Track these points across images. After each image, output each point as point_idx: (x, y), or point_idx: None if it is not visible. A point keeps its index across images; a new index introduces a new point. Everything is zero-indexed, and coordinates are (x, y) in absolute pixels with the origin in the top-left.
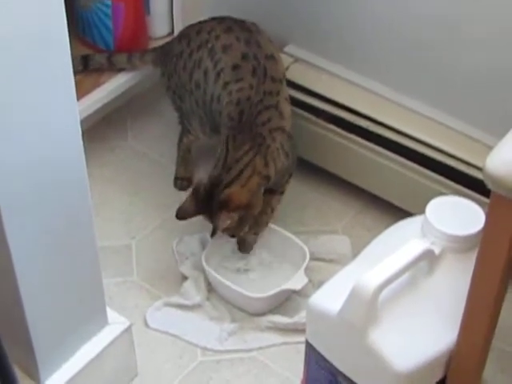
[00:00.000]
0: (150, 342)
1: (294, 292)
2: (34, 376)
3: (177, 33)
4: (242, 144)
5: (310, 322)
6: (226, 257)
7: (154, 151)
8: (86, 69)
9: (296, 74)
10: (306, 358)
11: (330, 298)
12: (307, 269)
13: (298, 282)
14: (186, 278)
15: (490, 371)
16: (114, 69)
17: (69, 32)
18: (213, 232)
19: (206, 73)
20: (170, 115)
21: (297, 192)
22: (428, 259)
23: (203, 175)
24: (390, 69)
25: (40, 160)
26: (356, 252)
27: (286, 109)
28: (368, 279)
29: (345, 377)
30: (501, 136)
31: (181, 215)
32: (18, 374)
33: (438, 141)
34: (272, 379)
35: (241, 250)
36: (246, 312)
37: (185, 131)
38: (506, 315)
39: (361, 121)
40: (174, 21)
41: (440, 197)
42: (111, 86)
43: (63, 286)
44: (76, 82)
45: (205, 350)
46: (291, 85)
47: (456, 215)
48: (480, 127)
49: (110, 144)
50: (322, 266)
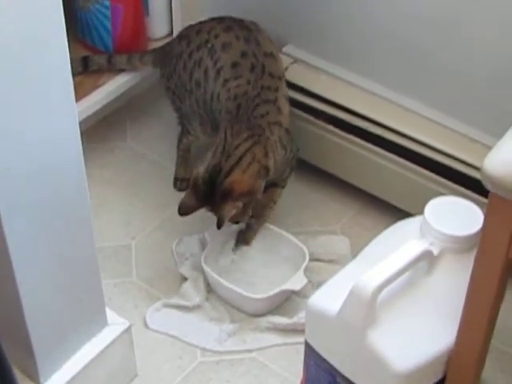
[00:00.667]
0: (150, 342)
1: (294, 293)
2: (34, 377)
3: (176, 34)
4: (240, 132)
5: (309, 323)
6: (226, 257)
7: (154, 152)
8: (85, 70)
9: (295, 74)
10: (305, 359)
11: (329, 298)
12: (306, 269)
13: (297, 282)
14: (185, 279)
15: (489, 371)
16: (113, 70)
17: (67, 34)
18: (219, 223)
19: (206, 72)
20: (169, 116)
21: (296, 192)
22: (427, 260)
23: (200, 168)
24: (389, 69)
25: (39, 161)
26: (355, 252)
27: (285, 106)
28: (367, 280)
29: (344, 377)
30: (499, 136)
31: (183, 211)
32: (18, 375)
33: (436, 141)
34: (271, 380)
35: (240, 242)
36: (245, 313)
37: (184, 132)
38: (505, 316)
39: (360, 121)
40: (173, 22)
41: (439, 197)
42: (110, 88)
43: (62, 286)
44: (76, 84)
45: (204, 350)
46: (290, 85)
47: (455, 216)
48: (479, 127)
49: (109, 145)
50: (322, 266)
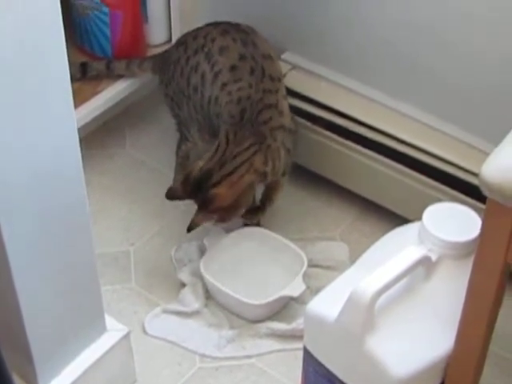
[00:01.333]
0: (149, 348)
1: (292, 299)
2: (33, 383)
3: (175, 40)
4: (243, 140)
5: (307, 329)
6: (224, 263)
7: (152, 159)
8: (84, 76)
9: (294, 81)
10: (303, 365)
11: (327, 304)
12: (305, 275)
13: (295, 288)
14: (184, 285)
15: (487, 377)
16: (112, 76)
17: (66, 40)
18: (189, 227)
19: (203, 76)
20: (168, 123)
21: (294, 199)
22: (425, 266)
23: (200, 163)
24: (387, 76)
25: (38, 167)
26: (354, 258)
27: (285, 106)
28: (365, 286)
29: (342, 383)
30: (497, 142)
31: (169, 195)
32: (17, 380)
33: (434, 147)
34: None
35: (249, 220)
36: (244, 319)
37: (183, 139)
38: (504, 321)
39: (358, 127)
40: (172, 28)
41: (437, 203)
42: (109, 94)
43: (61, 292)
44: (74, 90)
45: (203, 356)
46: (289, 92)
47: (453, 222)
48: (477, 133)
49: (108, 151)
50: (320, 272)
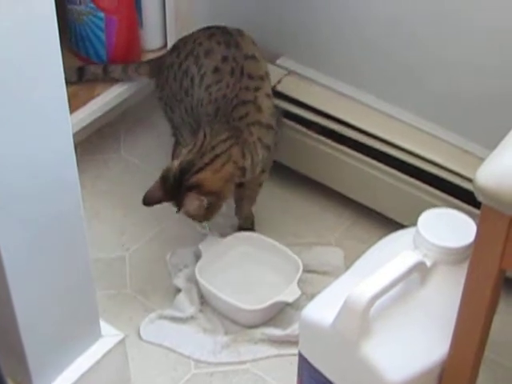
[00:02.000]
0: (144, 354)
1: (287, 304)
2: None
3: (170, 45)
4: (220, 132)
5: (302, 334)
6: (219, 269)
7: (148, 163)
8: (80, 80)
9: (288, 86)
10: (299, 370)
11: (322, 309)
12: (300, 281)
13: (291, 294)
14: (179, 291)
15: (483, 383)
16: (108, 80)
17: (61, 45)
18: (178, 209)
19: (192, 79)
20: (164, 127)
21: (290, 204)
22: (420, 271)
23: (174, 162)
24: (382, 81)
25: (32, 173)
26: (349, 264)
27: (266, 103)
28: (360, 291)
29: None
30: (492, 148)
31: (147, 201)
32: None
33: (429, 153)
34: None
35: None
36: (239, 324)
37: (177, 143)
38: (499, 327)
39: (353, 133)
40: (167, 34)
41: (432, 209)
42: (105, 99)
43: (56, 298)
44: (70, 95)
45: (198, 362)
46: (284, 97)
47: (448, 227)
48: (471, 139)
49: (103, 156)
50: (315, 278)
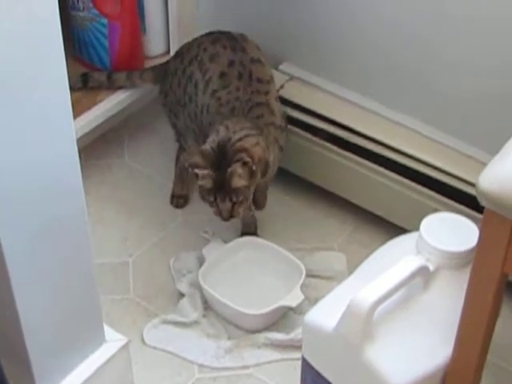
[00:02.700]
0: (148, 359)
1: (291, 309)
2: None
3: (172, 51)
4: (241, 122)
5: (306, 339)
6: (223, 274)
7: (151, 169)
8: (85, 86)
9: (291, 92)
10: (302, 375)
11: (325, 314)
12: (303, 286)
13: (294, 298)
14: (182, 296)
15: None
16: (113, 87)
17: (65, 51)
18: (228, 188)
19: (196, 85)
20: (167, 133)
21: (293, 209)
22: (423, 275)
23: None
24: (385, 86)
25: (36, 178)
26: (352, 269)
27: (277, 107)
28: (364, 296)
29: None
30: (494, 153)
31: (193, 164)
32: None
33: (433, 158)
34: None
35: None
36: (242, 329)
37: (181, 149)
38: (502, 331)
39: (356, 138)
40: (170, 40)
41: (434, 213)
42: (108, 105)
43: (60, 303)
44: (74, 101)
45: (202, 367)
46: (287, 103)
47: (450, 232)
48: (474, 144)
49: (106, 162)
50: (318, 282)
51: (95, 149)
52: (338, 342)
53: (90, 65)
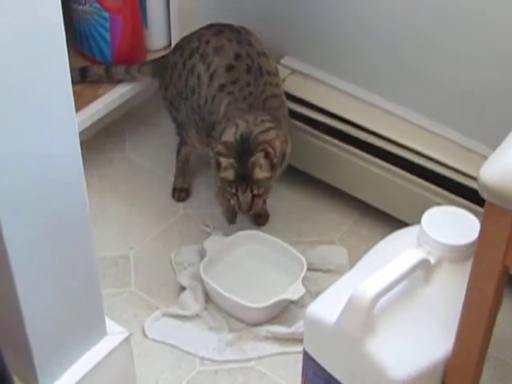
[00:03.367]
0: (149, 352)
1: (292, 302)
2: None
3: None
4: (262, 115)
5: (307, 332)
6: (224, 267)
7: (152, 162)
8: (83, 80)
9: (293, 85)
10: (303, 368)
11: (327, 307)
12: (304, 279)
13: (295, 292)
14: (184, 289)
15: (487, 381)
16: (111, 80)
17: (67, 44)
18: (251, 184)
19: (199, 77)
20: (168, 126)
21: (294, 203)
22: (424, 269)
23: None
24: (387, 80)
25: (38, 171)
26: (353, 262)
27: (285, 100)
28: (365, 289)
29: None
30: (496, 147)
31: (222, 151)
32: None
33: (433, 151)
34: None
35: (259, 224)
36: (243, 322)
37: (182, 142)
38: (504, 325)
39: (357, 132)
40: (172, 33)
41: (436, 207)
42: (109, 98)
43: (62, 296)
44: (75, 94)
45: (203, 359)
46: (289, 96)
47: (451, 225)
48: (475, 137)
49: (107, 155)
50: (320, 276)
51: (96, 142)
52: (340, 335)
53: (91, 58)
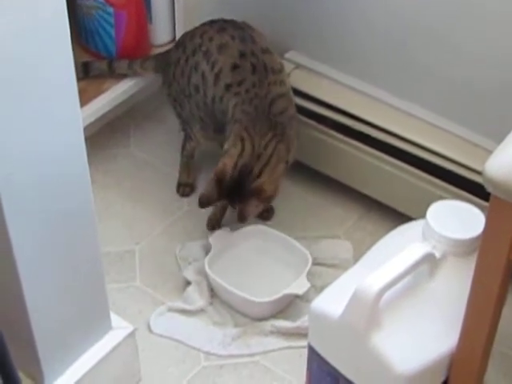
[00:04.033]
0: (154, 347)
1: (297, 297)
2: (39, 381)
3: None
4: (264, 133)
5: (312, 326)
6: (229, 261)
7: (157, 158)
8: (86, 75)
9: (297, 80)
10: (308, 362)
11: (332, 302)
12: (309, 274)
13: (300, 286)
14: (189, 283)
15: (492, 375)
16: (114, 75)
17: (71, 39)
18: (243, 218)
19: (203, 76)
20: (173, 122)
21: (298, 197)
22: (429, 263)
23: (225, 160)
24: (391, 75)
25: (44, 167)
26: (358, 256)
27: (292, 95)
28: (370, 283)
29: (347, 380)
30: (501, 141)
31: (204, 203)
32: (23, 378)
33: (438, 146)
34: (275, 383)
35: (265, 218)
36: (248, 317)
37: (187, 138)
38: (509, 320)
39: (362, 126)
40: (176, 28)
41: (440, 201)
42: (114, 93)
43: (67, 291)
44: (79, 90)
45: (208, 354)
46: (292, 91)
47: (456, 219)
48: (480, 132)
49: (112, 151)
50: (324, 270)
51: (101, 138)
52: (344, 330)
53: (95, 53)
